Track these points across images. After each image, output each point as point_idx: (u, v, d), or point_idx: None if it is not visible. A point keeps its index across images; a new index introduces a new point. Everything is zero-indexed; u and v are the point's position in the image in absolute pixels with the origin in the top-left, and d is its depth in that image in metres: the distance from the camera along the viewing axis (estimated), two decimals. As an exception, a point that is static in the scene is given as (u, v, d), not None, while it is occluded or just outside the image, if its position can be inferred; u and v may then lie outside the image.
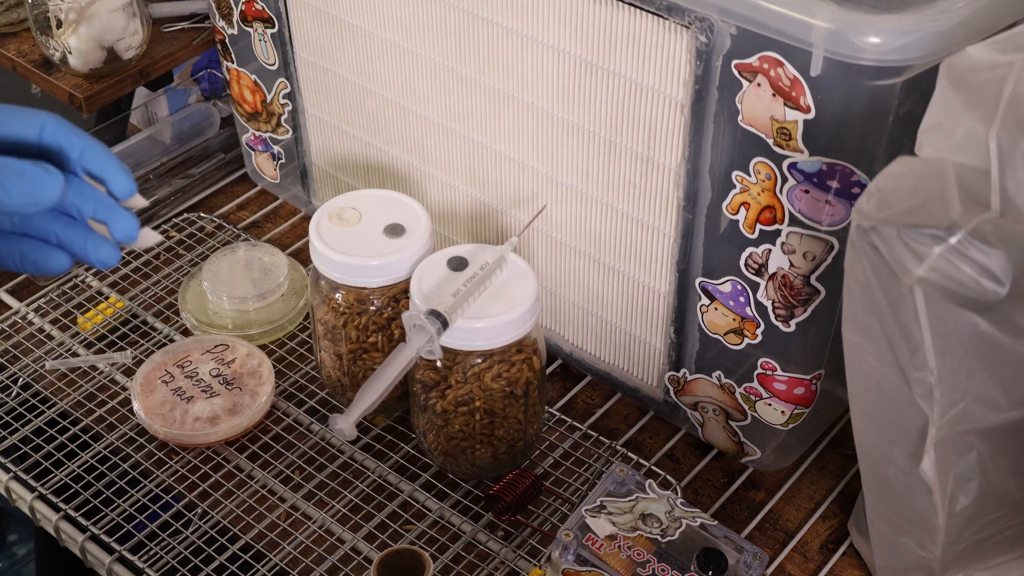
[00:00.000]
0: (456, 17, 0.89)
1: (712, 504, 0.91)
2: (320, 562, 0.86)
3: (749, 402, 0.88)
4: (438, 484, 0.92)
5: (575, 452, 0.94)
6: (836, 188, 0.73)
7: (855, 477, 0.92)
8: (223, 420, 0.92)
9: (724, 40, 0.73)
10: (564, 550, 0.78)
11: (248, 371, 0.96)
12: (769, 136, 0.74)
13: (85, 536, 0.88)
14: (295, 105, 1.10)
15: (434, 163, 1.00)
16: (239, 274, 1.04)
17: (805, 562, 0.88)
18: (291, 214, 1.19)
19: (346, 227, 0.90)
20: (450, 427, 0.87)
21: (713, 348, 0.88)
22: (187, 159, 1.23)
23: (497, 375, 0.84)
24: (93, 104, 1.18)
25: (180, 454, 0.93)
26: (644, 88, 0.80)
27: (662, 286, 0.89)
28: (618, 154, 0.85)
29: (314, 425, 0.96)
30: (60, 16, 1.13)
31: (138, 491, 0.91)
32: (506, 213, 0.97)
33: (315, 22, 1.02)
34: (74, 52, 1.15)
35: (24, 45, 1.24)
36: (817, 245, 0.76)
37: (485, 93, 0.91)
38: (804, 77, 0.70)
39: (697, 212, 0.82)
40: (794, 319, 0.81)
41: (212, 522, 0.89)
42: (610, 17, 0.79)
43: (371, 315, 0.89)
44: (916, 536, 0.75)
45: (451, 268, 0.85)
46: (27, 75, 1.22)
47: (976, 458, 0.69)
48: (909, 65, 0.67)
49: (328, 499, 0.90)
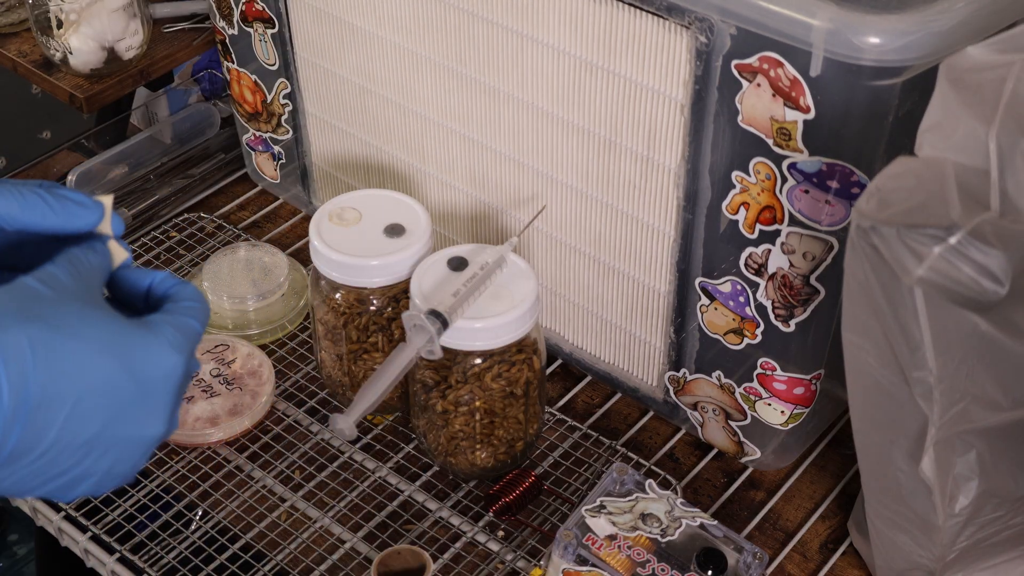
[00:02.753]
0: (456, 17, 0.89)
1: (712, 504, 0.91)
2: (320, 562, 0.86)
3: (749, 402, 0.88)
4: (438, 484, 0.92)
5: (575, 452, 0.94)
6: (836, 188, 0.73)
7: (855, 477, 0.92)
8: (224, 420, 0.93)
9: (724, 40, 0.73)
10: (564, 550, 0.78)
11: (248, 371, 0.96)
12: (769, 136, 0.74)
13: (86, 536, 0.88)
14: (295, 105, 1.10)
15: (434, 163, 1.00)
16: (239, 274, 1.04)
17: (805, 562, 0.88)
18: (291, 214, 1.19)
19: (346, 227, 0.90)
20: (450, 427, 0.87)
21: (713, 348, 0.88)
22: (187, 159, 1.23)
23: (497, 375, 0.84)
24: (93, 104, 1.18)
25: (181, 454, 0.94)
26: (644, 88, 0.80)
27: (662, 286, 0.89)
28: (618, 154, 0.85)
29: (314, 425, 0.96)
30: (61, 16, 1.13)
31: (139, 491, 0.91)
32: (506, 213, 0.97)
33: (315, 22, 1.02)
34: (74, 52, 1.15)
35: (25, 45, 1.24)
36: (817, 245, 0.77)
37: (485, 93, 0.91)
38: (804, 77, 0.70)
39: (697, 212, 0.82)
40: (794, 319, 0.81)
41: (213, 522, 0.89)
42: (610, 17, 0.79)
43: (371, 315, 0.89)
44: (916, 536, 0.75)
45: (451, 268, 0.85)
46: (28, 75, 1.22)
47: (976, 458, 0.69)
48: (909, 65, 0.67)
49: (328, 499, 0.90)
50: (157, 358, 0.55)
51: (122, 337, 0.54)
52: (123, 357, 0.53)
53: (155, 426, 0.55)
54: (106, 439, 0.53)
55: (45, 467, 0.52)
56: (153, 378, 0.54)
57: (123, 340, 0.54)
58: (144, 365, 0.54)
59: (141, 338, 0.55)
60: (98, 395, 0.52)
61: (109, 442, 0.54)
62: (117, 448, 0.54)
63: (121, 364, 0.53)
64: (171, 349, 0.55)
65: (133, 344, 0.54)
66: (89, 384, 0.52)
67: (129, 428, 0.54)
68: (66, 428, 0.52)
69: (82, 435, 0.52)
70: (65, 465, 0.53)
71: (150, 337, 0.55)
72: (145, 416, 0.55)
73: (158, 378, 0.55)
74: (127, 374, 0.53)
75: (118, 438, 0.54)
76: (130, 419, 0.54)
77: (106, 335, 0.53)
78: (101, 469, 0.54)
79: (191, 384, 0.94)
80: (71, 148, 1.28)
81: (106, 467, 0.55)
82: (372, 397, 0.77)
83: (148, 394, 0.54)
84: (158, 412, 0.55)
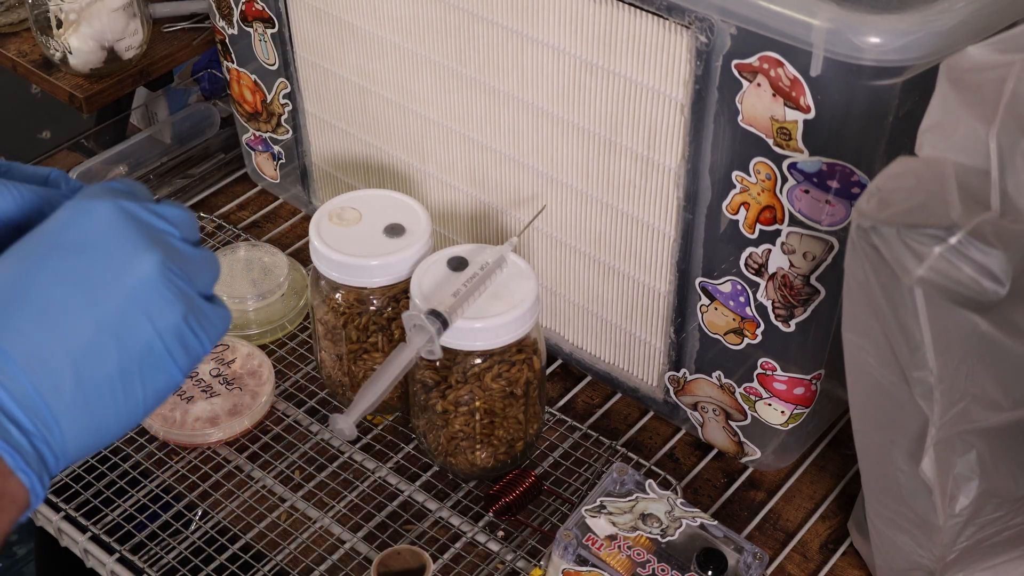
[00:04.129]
0: (456, 17, 0.89)
1: (712, 504, 0.91)
2: (320, 562, 0.86)
3: (749, 402, 0.88)
4: (438, 484, 0.92)
5: (575, 452, 0.94)
6: (836, 188, 0.73)
7: (855, 477, 0.92)
8: (223, 420, 0.93)
9: (724, 40, 0.73)
10: (564, 550, 0.78)
11: (248, 371, 0.96)
12: (769, 136, 0.74)
13: (86, 536, 0.88)
14: (295, 105, 1.10)
15: (434, 163, 1.00)
16: (239, 274, 1.04)
17: (805, 562, 0.88)
18: (291, 214, 1.19)
19: (346, 227, 0.90)
20: (450, 427, 0.87)
21: (713, 348, 0.88)
22: (187, 159, 1.23)
23: (497, 375, 0.84)
24: (93, 104, 1.18)
25: (180, 454, 0.93)
26: (644, 88, 0.80)
27: (662, 286, 0.89)
28: (618, 154, 0.85)
29: (314, 425, 0.96)
30: (60, 16, 1.13)
31: (139, 491, 0.91)
32: (506, 213, 0.97)
33: (315, 22, 1.02)
34: (74, 52, 1.15)
35: (24, 45, 1.24)
36: (817, 245, 0.76)
37: (485, 93, 0.91)
38: (804, 77, 0.70)
39: (697, 212, 0.82)
40: (794, 319, 0.81)
41: (213, 522, 0.89)
42: (610, 17, 0.79)
43: (371, 315, 0.89)
44: (916, 536, 0.75)
45: (451, 268, 0.85)
46: (27, 75, 1.22)
47: (976, 458, 0.69)
48: (909, 65, 0.67)
49: (328, 499, 0.90)
50: (78, 217, 0.51)
51: (41, 234, 0.51)
52: (53, 244, 0.51)
53: (140, 261, 0.51)
54: (109, 311, 0.51)
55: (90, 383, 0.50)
56: (88, 233, 0.51)
57: (43, 235, 0.51)
58: (72, 232, 0.51)
59: (57, 218, 0.52)
60: (58, 289, 0.50)
61: (114, 310, 0.51)
62: (130, 308, 0.51)
63: (54, 250, 0.51)
64: (88, 201, 0.52)
65: (52, 228, 0.51)
66: (45, 285, 0.50)
67: (115, 284, 0.51)
68: (58, 334, 0.50)
69: (85, 327, 0.50)
70: (108, 363, 0.51)
71: (62, 212, 0.52)
72: (117, 263, 0.51)
73: (94, 227, 0.51)
74: (65, 252, 0.51)
75: (119, 301, 0.51)
76: (107, 278, 0.51)
77: (27, 244, 0.51)
78: (145, 330, 0.51)
79: (191, 384, 0.94)
80: (71, 148, 1.28)
81: (149, 323, 0.51)
82: (372, 397, 0.77)
83: (99, 247, 0.51)
84: (126, 249, 0.51)
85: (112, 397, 0.51)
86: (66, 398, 0.50)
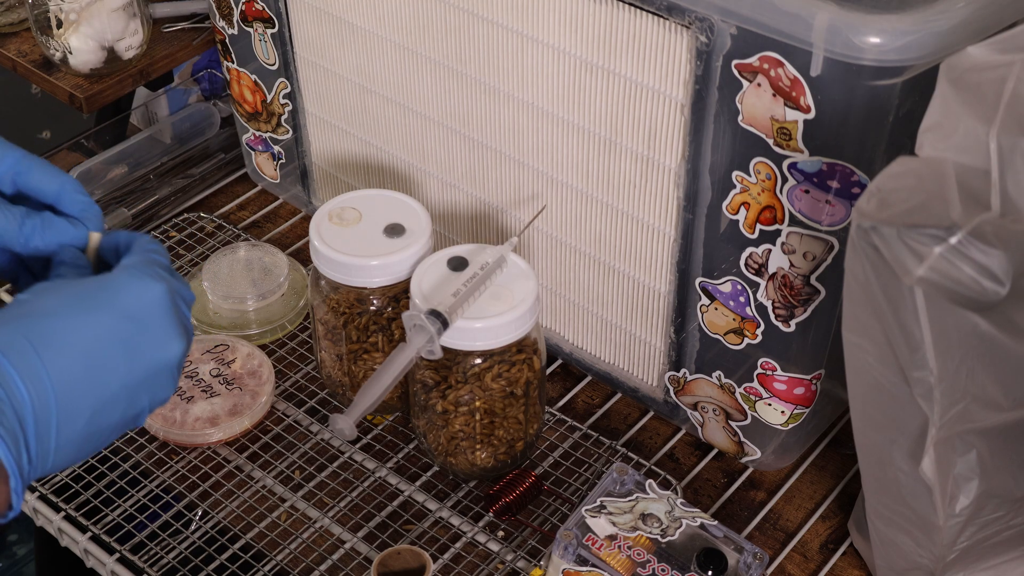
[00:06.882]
0: (456, 17, 0.89)
1: (712, 504, 0.91)
2: (320, 562, 0.86)
3: (749, 402, 0.88)
4: (438, 484, 0.92)
5: (575, 452, 0.94)
6: (836, 188, 0.73)
7: (855, 477, 0.92)
8: (223, 420, 0.93)
9: (724, 40, 0.73)
10: (564, 550, 0.78)
11: (248, 371, 0.96)
12: (769, 136, 0.74)
13: (86, 536, 0.88)
14: (295, 105, 1.10)
15: (434, 163, 1.00)
16: (239, 274, 1.04)
17: (805, 562, 0.88)
18: (291, 214, 1.19)
19: (346, 227, 0.90)
20: (450, 427, 0.87)
21: (713, 348, 0.88)
22: (187, 159, 1.23)
23: (497, 375, 0.84)
24: (93, 104, 1.18)
25: (181, 454, 0.93)
26: (644, 88, 0.80)
27: (662, 286, 0.89)
28: (618, 154, 0.85)
29: (314, 425, 0.96)
30: (60, 16, 1.13)
31: (139, 491, 0.91)
32: (506, 213, 0.97)
33: (315, 22, 1.02)
34: (74, 52, 1.15)
35: (24, 45, 1.24)
36: (817, 245, 0.76)
37: (485, 93, 0.91)
38: (804, 77, 0.70)
39: (697, 212, 0.82)
40: (794, 319, 0.81)
41: (213, 522, 0.89)
42: (610, 17, 0.79)
43: (371, 315, 0.89)
44: (916, 536, 0.75)
45: (451, 268, 0.85)
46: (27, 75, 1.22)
47: (976, 458, 0.69)
48: (909, 65, 0.67)
49: (328, 499, 0.90)
50: (139, 291, 0.60)
51: (103, 291, 0.59)
52: (110, 304, 0.59)
53: (172, 347, 0.60)
54: (136, 376, 0.59)
55: (96, 424, 0.58)
56: (145, 308, 0.60)
57: (105, 293, 0.59)
58: (132, 302, 0.59)
59: (120, 283, 0.60)
60: (106, 345, 0.58)
61: (140, 378, 0.59)
62: (149, 380, 0.59)
63: (112, 311, 0.58)
64: (149, 279, 0.60)
65: (115, 291, 0.59)
66: (93, 339, 0.57)
67: (149, 357, 0.59)
68: (92, 383, 0.57)
69: (113, 383, 0.58)
70: (114, 415, 0.58)
71: (124, 278, 0.60)
72: (158, 342, 0.60)
73: (150, 305, 0.60)
74: (121, 316, 0.59)
75: (146, 371, 0.59)
76: (146, 350, 0.59)
77: (87, 296, 0.59)
78: (144, 403, 0.60)
79: (192, 384, 0.94)
80: (71, 148, 1.28)
81: (148, 400, 0.60)
82: (372, 397, 0.77)
83: (148, 323, 0.59)
84: (167, 333, 0.60)
85: (100, 443, 0.59)
86: (72, 437, 0.57)
